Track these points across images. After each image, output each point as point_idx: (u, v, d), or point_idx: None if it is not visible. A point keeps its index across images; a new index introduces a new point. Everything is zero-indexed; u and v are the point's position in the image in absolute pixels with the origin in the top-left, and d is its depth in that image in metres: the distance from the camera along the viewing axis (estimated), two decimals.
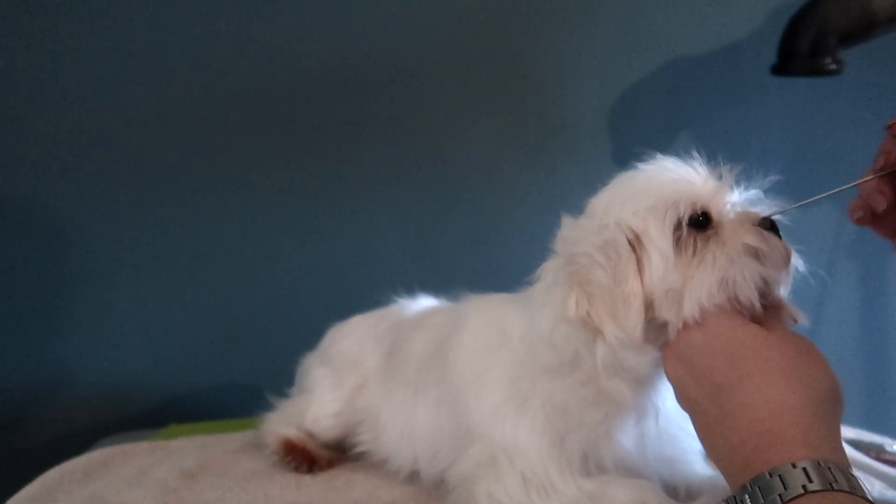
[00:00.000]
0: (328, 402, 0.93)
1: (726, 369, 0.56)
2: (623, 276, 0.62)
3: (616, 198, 0.66)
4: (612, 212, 0.65)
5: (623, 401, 0.67)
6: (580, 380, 0.68)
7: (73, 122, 1.21)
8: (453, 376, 0.78)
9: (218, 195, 1.28)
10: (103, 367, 1.28)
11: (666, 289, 0.61)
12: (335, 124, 1.29)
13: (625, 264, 0.62)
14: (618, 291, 0.62)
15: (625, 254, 0.63)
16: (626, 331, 0.61)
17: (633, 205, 0.64)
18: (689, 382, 0.59)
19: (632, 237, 0.63)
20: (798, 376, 0.54)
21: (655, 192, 0.64)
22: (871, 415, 1.50)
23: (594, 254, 0.63)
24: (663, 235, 0.62)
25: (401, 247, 1.34)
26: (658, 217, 0.63)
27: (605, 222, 0.65)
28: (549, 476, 0.68)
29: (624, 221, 0.64)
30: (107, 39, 1.20)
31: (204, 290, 1.30)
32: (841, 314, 1.48)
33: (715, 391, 0.56)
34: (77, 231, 1.24)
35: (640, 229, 0.63)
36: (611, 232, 0.64)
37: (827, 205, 1.44)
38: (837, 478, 0.47)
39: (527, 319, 0.73)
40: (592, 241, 0.64)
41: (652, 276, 0.62)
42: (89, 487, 0.88)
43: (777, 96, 1.39)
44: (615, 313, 0.61)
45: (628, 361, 0.64)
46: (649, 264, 0.62)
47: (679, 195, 0.64)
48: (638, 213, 0.64)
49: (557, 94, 1.34)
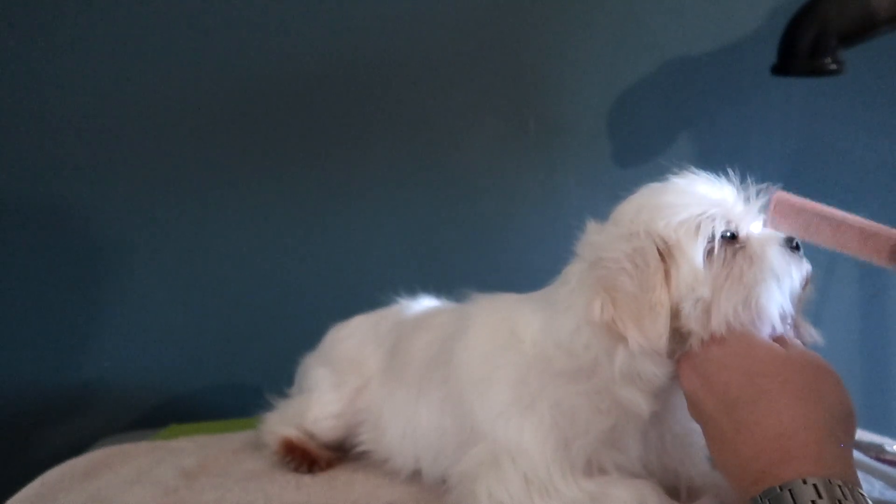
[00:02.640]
0: (328, 402, 0.93)
1: (744, 386, 0.57)
2: (651, 284, 0.62)
3: (646, 207, 0.66)
4: (642, 221, 0.65)
5: (637, 410, 0.67)
6: (595, 387, 0.68)
7: (73, 122, 1.21)
8: (458, 376, 0.78)
9: (218, 195, 1.27)
10: (103, 367, 1.28)
11: (695, 300, 0.62)
12: (335, 124, 1.29)
13: (653, 273, 0.63)
14: (644, 299, 0.62)
15: (654, 263, 0.63)
16: (650, 339, 0.62)
17: (666, 216, 0.65)
18: (704, 395, 0.60)
19: (662, 247, 0.64)
20: (814, 397, 0.55)
21: (689, 205, 0.65)
22: (871, 415, 1.50)
23: (622, 260, 0.64)
24: (696, 249, 0.63)
25: (401, 247, 1.34)
26: (691, 230, 0.64)
27: (634, 230, 0.65)
28: (552, 478, 0.68)
29: (655, 232, 0.64)
30: (107, 39, 1.20)
31: (204, 290, 1.30)
32: (841, 314, 1.48)
33: (731, 406, 0.57)
34: (76, 231, 1.24)
35: (672, 241, 0.64)
36: (641, 240, 0.64)
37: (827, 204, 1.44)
38: (846, 496, 0.48)
39: (542, 322, 0.73)
40: (621, 248, 0.64)
41: (680, 287, 0.63)
42: (89, 487, 0.88)
43: (777, 96, 1.39)
44: (640, 321, 0.62)
45: (646, 371, 0.65)
46: (677, 275, 0.63)
47: (712, 211, 0.65)
48: (670, 224, 0.64)
49: (557, 94, 1.35)
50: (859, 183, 1.45)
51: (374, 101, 1.29)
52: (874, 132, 1.42)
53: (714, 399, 0.59)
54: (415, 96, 1.31)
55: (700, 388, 0.61)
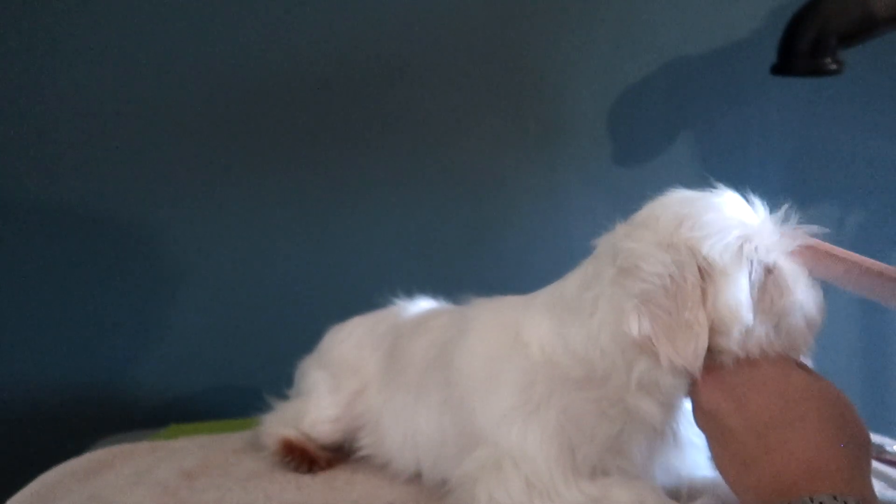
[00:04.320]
0: (326, 406, 0.93)
1: (780, 409, 0.59)
2: (689, 302, 0.62)
3: (686, 221, 0.65)
4: (683, 235, 0.64)
5: (651, 420, 0.67)
6: (605, 395, 0.68)
7: (71, 121, 1.21)
8: (459, 380, 0.78)
9: (217, 196, 1.28)
10: (103, 366, 1.28)
11: (740, 324, 0.62)
12: (333, 125, 1.29)
13: (692, 291, 0.62)
14: (680, 316, 0.62)
15: (693, 280, 0.62)
16: (685, 358, 0.62)
17: (709, 235, 0.64)
18: (731, 413, 0.60)
19: (704, 266, 0.63)
20: (841, 423, 0.58)
21: (731, 228, 0.64)
22: (871, 415, 1.49)
23: (663, 274, 0.63)
24: (741, 275, 0.63)
25: (400, 248, 1.34)
26: (736, 256, 0.63)
27: (674, 243, 0.64)
28: (554, 481, 0.68)
29: (699, 249, 0.63)
30: (107, 39, 1.20)
31: (204, 291, 1.30)
32: (841, 314, 1.48)
33: (763, 428, 0.58)
34: (76, 232, 1.24)
35: (717, 264, 0.63)
36: (681, 255, 0.63)
37: (827, 205, 1.45)
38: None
39: (551, 326, 0.72)
40: (661, 260, 0.63)
41: (719, 309, 0.63)
42: (89, 487, 0.88)
43: (777, 96, 1.39)
44: (674, 338, 0.62)
45: (665, 383, 0.65)
46: (716, 297, 0.63)
47: (755, 238, 0.64)
48: (715, 247, 0.63)
49: (557, 94, 1.34)
50: (859, 183, 1.45)
51: (374, 102, 1.29)
52: (874, 132, 1.42)
53: (743, 419, 0.59)
54: (415, 96, 1.31)
55: (726, 407, 0.61)
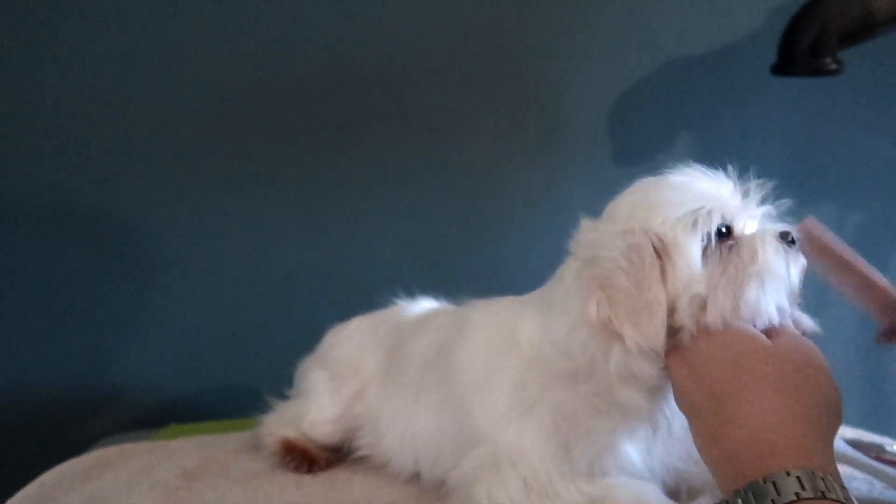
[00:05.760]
0: (325, 407, 0.93)
1: (728, 380, 0.57)
2: (647, 282, 0.62)
3: (642, 204, 0.65)
4: (638, 218, 0.64)
5: (637, 411, 0.67)
6: (593, 389, 0.67)
7: (70, 120, 1.21)
8: (457, 379, 0.78)
9: (216, 196, 1.27)
10: (104, 367, 1.28)
11: (690, 296, 0.62)
12: (333, 125, 1.29)
13: (649, 271, 0.62)
14: (640, 298, 0.61)
15: (650, 260, 0.62)
16: (647, 338, 0.61)
17: (661, 213, 0.64)
18: (692, 389, 0.60)
19: (658, 245, 0.63)
20: (797, 389, 0.55)
21: (685, 202, 0.64)
22: (871, 415, 1.50)
23: (618, 258, 0.63)
24: (692, 246, 0.63)
25: (400, 247, 1.34)
26: (687, 227, 0.63)
27: (629, 227, 0.64)
28: (552, 481, 0.68)
29: (651, 228, 0.63)
30: (106, 39, 1.20)
31: (204, 291, 1.29)
32: (841, 314, 1.48)
33: (717, 400, 0.57)
34: (75, 231, 1.24)
35: (669, 238, 0.63)
36: (636, 238, 0.63)
37: (827, 204, 1.44)
38: (830, 487, 0.49)
39: (539, 323, 0.72)
40: (617, 246, 0.63)
41: (676, 284, 0.62)
42: (89, 487, 0.88)
43: (777, 96, 1.39)
44: (637, 319, 0.61)
45: (641, 370, 0.64)
46: (674, 272, 0.62)
47: (709, 206, 0.64)
48: (667, 221, 0.63)
49: (557, 94, 1.34)
50: (859, 183, 1.45)
51: (374, 102, 1.29)
52: (874, 132, 1.42)
53: (701, 393, 0.59)
54: (414, 96, 1.31)
55: (688, 382, 0.60)
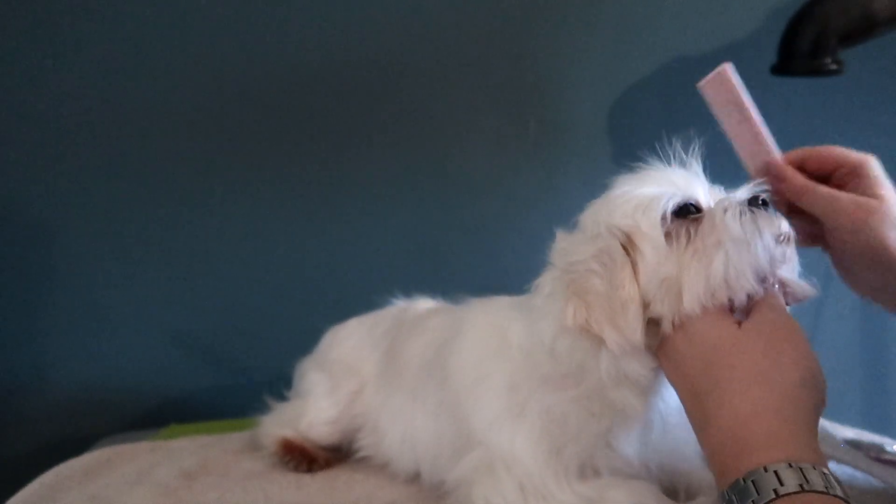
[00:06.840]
0: (323, 408, 0.93)
1: (701, 377, 0.57)
2: (620, 281, 0.62)
3: (604, 206, 0.66)
4: (602, 219, 0.65)
5: (632, 411, 0.66)
6: (585, 392, 0.67)
7: (69, 119, 1.21)
8: (453, 381, 0.78)
9: (216, 195, 1.27)
10: (103, 367, 1.28)
11: (660, 280, 0.61)
12: (333, 125, 1.29)
13: (620, 269, 0.62)
14: (615, 297, 0.61)
15: (619, 258, 0.62)
16: (626, 336, 0.61)
17: (621, 206, 0.64)
18: (679, 386, 0.60)
19: (624, 240, 0.63)
20: (764, 378, 0.53)
21: (640, 191, 0.65)
22: (871, 415, 1.50)
23: (590, 262, 0.63)
24: (653, 227, 0.62)
25: (399, 248, 1.34)
26: (645, 212, 0.63)
27: (596, 231, 0.65)
28: (546, 484, 0.68)
29: (614, 226, 0.64)
30: (105, 38, 1.20)
31: (203, 291, 1.29)
32: (841, 314, 1.48)
33: (696, 399, 0.57)
34: (75, 231, 1.24)
35: (631, 228, 0.63)
36: (603, 239, 0.64)
37: None
38: (809, 477, 0.48)
39: (525, 328, 0.72)
40: (587, 251, 0.64)
41: (647, 272, 0.62)
42: (89, 487, 0.88)
43: (777, 96, 1.39)
44: (614, 320, 0.61)
45: (631, 371, 0.64)
46: (643, 262, 0.62)
47: (662, 188, 0.64)
48: (626, 213, 0.64)
49: (557, 94, 1.34)
50: None
51: (374, 101, 1.29)
52: (874, 132, 1.41)
53: (685, 391, 0.58)
54: (414, 96, 1.31)
55: (674, 378, 0.60)
